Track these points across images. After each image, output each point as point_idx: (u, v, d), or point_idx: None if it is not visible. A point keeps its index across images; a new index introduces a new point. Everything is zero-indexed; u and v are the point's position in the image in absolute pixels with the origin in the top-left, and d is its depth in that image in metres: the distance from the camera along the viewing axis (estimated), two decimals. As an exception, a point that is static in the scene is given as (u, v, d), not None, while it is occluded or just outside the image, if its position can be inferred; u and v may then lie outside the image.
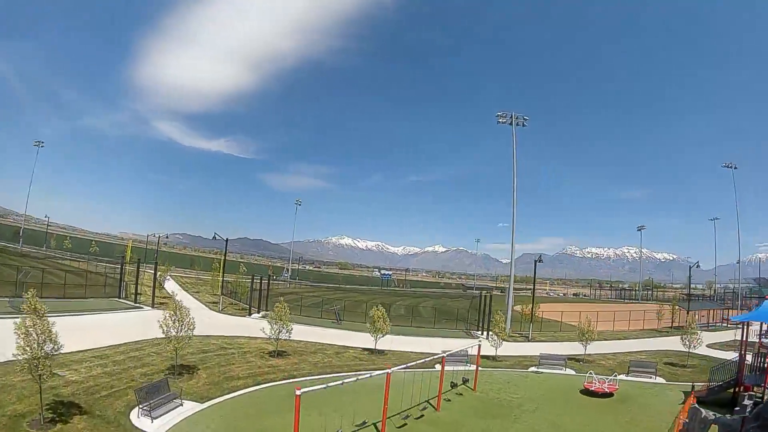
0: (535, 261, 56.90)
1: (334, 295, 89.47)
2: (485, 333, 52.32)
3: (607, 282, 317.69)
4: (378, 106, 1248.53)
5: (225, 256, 61.41)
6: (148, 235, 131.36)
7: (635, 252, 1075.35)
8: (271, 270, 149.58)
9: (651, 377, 35.56)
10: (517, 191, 61.87)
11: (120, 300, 52.65)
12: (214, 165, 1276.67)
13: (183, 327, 24.59)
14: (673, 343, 53.67)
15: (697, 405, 23.24)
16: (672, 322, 69.66)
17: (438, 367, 33.93)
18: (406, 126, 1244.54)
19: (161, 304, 51.92)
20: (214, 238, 59.88)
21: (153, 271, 59.26)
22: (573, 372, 36.35)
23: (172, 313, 24.67)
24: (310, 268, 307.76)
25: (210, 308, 55.74)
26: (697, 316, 68.84)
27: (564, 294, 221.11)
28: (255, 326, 43.12)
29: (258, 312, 54.32)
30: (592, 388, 29.90)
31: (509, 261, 68.90)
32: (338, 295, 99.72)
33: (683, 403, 27.13)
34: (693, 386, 31.36)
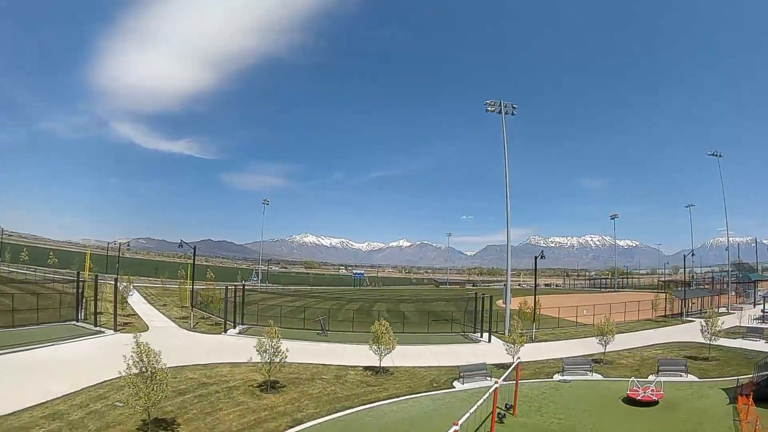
0: (536, 257, 53.04)
1: (312, 302, 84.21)
2: (483, 335, 48.70)
3: (574, 270, 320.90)
4: (339, 102, 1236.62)
5: (194, 265, 55.34)
6: (109, 243, 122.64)
7: (598, 240, 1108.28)
8: (239, 277, 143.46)
9: (682, 375, 32.47)
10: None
11: (78, 324, 45.02)
12: (175, 166, 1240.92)
13: (154, 386, 18.29)
14: (680, 334, 51.84)
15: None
16: (665, 311, 67.70)
17: (457, 385, 29.97)
18: (367, 121, 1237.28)
19: (126, 324, 46.28)
20: (180, 246, 54.18)
21: (114, 285, 50.62)
22: (600, 377, 33.03)
23: (138, 359, 18.37)
24: (277, 268, 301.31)
25: (180, 325, 49.24)
26: (689, 304, 67.74)
27: (538, 285, 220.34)
28: (234, 346, 38.62)
29: (234, 327, 48.40)
30: (639, 397, 26.29)
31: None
32: (314, 299, 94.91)
33: (732, 403, 25.71)
34: (739, 383, 28.73)
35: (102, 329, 42.81)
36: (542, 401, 26.70)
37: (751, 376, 29.78)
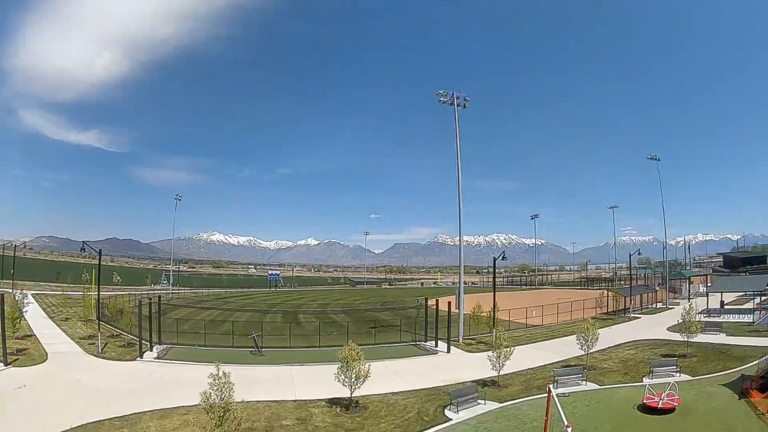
0: (495, 258, 49.25)
1: (233, 309, 76.54)
2: (438, 343, 44.25)
3: (483, 268, 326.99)
4: (252, 97, 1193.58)
5: (99, 271, 45.76)
6: (3, 244, 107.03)
7: (504, 238, 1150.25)
8: (149, 281, 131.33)
9: (675, 375, 30.94)
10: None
11: None
12: (83, 159, 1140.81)
13: None
14: (638, 331, 50.79)
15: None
16: (607, 309, 67.01)
17: (452, 415, 24.83)
18: (277, 118, 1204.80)
19: (20, 351, 36.46)
20: (82, 249, 45.27)
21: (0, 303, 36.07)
22: (595, 385, 30.19)
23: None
24: (185, 268, 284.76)
25: (86, 350, 39.25)
26: (632, 301, 67.59)
27: (453, 283, 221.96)
28: (158, 380, 30.89)
29: (151, 348, 39.85)
30: (659, 405, 24.11)
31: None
32: (232, 304, 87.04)
33: (744, 398, 25.27)
34: (744, 377, 28.29)
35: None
36: (554, 421, 22.30)
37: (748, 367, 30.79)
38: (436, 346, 43.95)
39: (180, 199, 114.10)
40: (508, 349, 29.99)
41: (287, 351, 41.54)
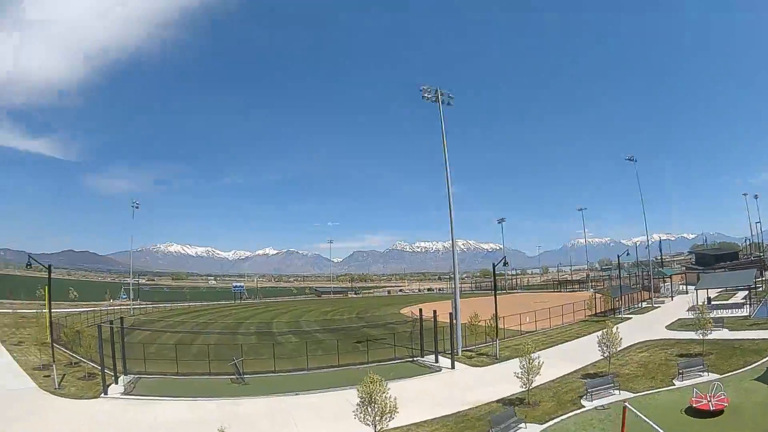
0: (494, 264, 46.32)
1: (200, 327, 71.34)
2: (438, 359, 40.64)
3: (444, 274, 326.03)
4: (209, 105, 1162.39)
5: (49, 288, 39.44)
6: None
7: (462, 243, 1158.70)
8: (108, 296, 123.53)
9: (704, 374, 30.09)
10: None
11: None
12: (35, 167, 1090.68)
13: None
14: (638, 331, 48.23)
15: None
16: (595, 310, 65.07)
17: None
18: (234, 126, 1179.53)
19: None
20: (28, 265, 39.45)
21: None
22: (628, 393, 27.78)
23: None
24: (144, 280, 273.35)
25: (40, 385, 33.15)
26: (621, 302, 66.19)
27: (420, 290, 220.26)
28: (129, 421, 26.13)
29: (116, 381, 34.28)
30: (711, 407, 22.88)
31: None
32: (198, 320, 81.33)
33: None
34: None
35: None
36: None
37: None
38: (437, 361, 40.25)
39: (138, 208, 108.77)
40: (537, 361, 26.99)
41: (273, 377, 36.91)
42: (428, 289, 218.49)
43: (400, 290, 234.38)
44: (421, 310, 46.74)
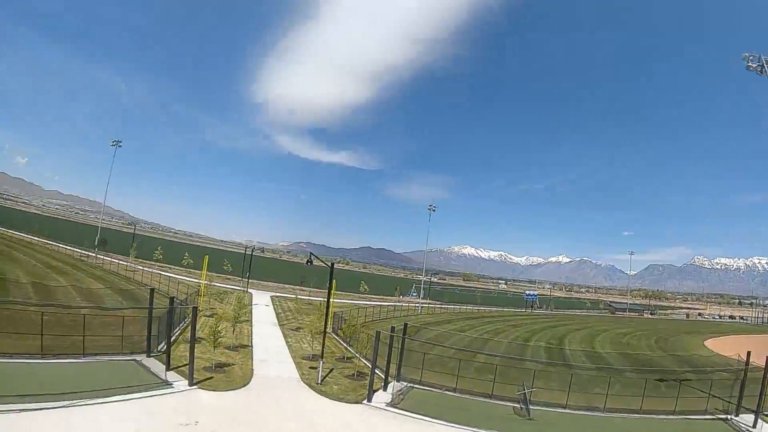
0: None
1: (489, 337, 64.95)
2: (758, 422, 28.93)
3: (746, 298, 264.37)
4: (495, 113, 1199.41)
5: (330, 282, 36.99)
6: (251, 247, 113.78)
7: (767, 262, 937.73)
8: (398, 292, 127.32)
9: None
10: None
11: (141, 363, 27.53)
12: (336, 176, 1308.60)
13: None
14: None
15: None
16: None
17: None
18: (525, 132, 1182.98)
19: (219, 367, 28.93)
20: (308, 262, 37.96)
21: (192, 317, 27.86)
22: None
23: None
24: (435, 279, 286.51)
25: (302, 377, 30.11)
26: None
27: (720, 317, 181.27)
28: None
29: (385, 387, 29.18)
30: None
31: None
32: (486, 330, 74.72)
33: None
34: None
35: (169, 380, 25.07)
36: None
37: None
38: (754, 426, 28.77)
39: (434, 210, 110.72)
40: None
41: (562, 414, 28.50)
42: (730, 317, 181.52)
43: (699, 314, 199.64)
44: (749, 354, 32.03)
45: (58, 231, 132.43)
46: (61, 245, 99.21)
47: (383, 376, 29.85)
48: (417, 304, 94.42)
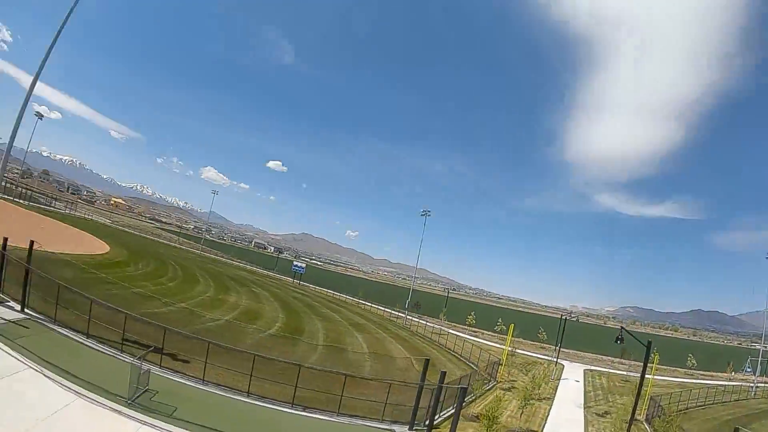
0: None
1: None
2: None
3: None
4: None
5: (645, 366, 31.74)
6: (568, 313, 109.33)
7: None
8: (730, 367, 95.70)
9: None
10: None
11: None
12: (658, 231, 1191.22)
13: None
14: None
15: None
16: None
17: None
18: None
19: None
20: (618, 340, 33.40)
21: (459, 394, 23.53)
22: None
23: None
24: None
25: None
26: None
27: None
28: None
29: None
30: None
31: None
32: None
33: None
34: None
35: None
36: None
37: None
38: None
39: None
40: None
41: None
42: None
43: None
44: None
45: (379, 294, 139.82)
46: (373, 304, 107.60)
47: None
48: (751, 384, 73.71)
